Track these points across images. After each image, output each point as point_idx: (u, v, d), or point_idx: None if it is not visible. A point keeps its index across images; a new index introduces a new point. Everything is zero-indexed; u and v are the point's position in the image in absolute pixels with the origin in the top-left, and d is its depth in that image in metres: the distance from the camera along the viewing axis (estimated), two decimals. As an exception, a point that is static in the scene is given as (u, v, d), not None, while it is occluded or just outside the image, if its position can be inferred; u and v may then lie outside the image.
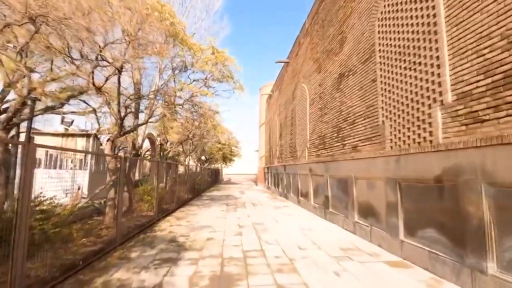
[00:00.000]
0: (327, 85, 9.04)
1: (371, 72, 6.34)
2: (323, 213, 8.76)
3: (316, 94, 10.15)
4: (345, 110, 7.64)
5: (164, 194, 9.83)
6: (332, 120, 8.47)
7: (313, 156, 10.28)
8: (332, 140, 8.43)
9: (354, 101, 7.09)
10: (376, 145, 5.99)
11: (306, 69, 11.49)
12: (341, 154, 7.70)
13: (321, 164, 9.06)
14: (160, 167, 9.12)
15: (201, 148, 20.11)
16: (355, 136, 7.00)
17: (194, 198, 14.32)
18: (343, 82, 7.84)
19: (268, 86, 26.11)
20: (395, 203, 5.16)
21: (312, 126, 10.46)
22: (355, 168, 6.72)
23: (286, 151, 15.15)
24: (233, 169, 47.68)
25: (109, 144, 7.03)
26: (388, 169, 5.40)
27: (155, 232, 6.67)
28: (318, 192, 9.40)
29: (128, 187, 8.25)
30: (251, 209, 10.78)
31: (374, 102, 6.18)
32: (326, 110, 9.06)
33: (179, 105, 7.91)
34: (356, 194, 6.70)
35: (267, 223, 7.80)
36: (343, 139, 7.66)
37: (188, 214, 9.28)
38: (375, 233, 5.79)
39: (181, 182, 13.21)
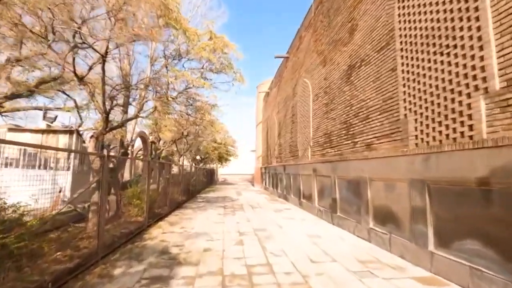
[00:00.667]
0: (334, 78, 8.34)
1: (389, 61, 5.65)
2: (329, 217, 8.06)
3: (320, 89, 9.45)
4: (356, 105, 6.95)
5: (156, 196, 9.02)
6: (341, 116, 7.77)
7: (317, 156, 9.58)
8: (340, 138, 7.73)
9: (368, 94, 6.39)
10: (397, 142, 5.30)
11: (309, 63, 10.79)
12: (352, 153, 7.00)
13: (327, 164, 8.36)
14: (151, 167, 8.31)
15: (196, 147, 19.30)
16: (369, 133, 6.31)
17: (188, 200, 13.51)
18: (353, 74, 7.15)
19: (265, 84, 25.37)
20: (422, 208, 4.47)
21: (316, 123, 9.76)
22: (370, 168, 6.02)
23: (285, 150, 14.44)
24: (229, 169, 46.78)
25: (93, 141, 6.21)
26: (413, 170, 4.70)
27: (145, 241, 5.87)
28: (324, 194, 8.70)
29: (115, 190, 7.43)
30: (250, 212, 10.03)
31: (393, 94, 5.49)
32: (333, 106, 8.36)
33: (172, 98, 7.12)
34: (371, 197, 6.01)
35: (270, 229, 7.06)
36: (354, 137, 6.96)
37: (182, 219, 8.48)
38: (396, 242, 5.09)
39: (174, 183, 12.40)
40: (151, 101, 7.31)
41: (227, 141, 27.25)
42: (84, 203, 7.93)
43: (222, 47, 6.41)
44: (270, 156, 19.43)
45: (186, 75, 6.21)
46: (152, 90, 7.08)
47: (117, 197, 7.35)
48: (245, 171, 51.68)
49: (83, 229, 6.15)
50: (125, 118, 7.05)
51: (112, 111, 9.75)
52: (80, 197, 7.69)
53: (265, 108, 23.27)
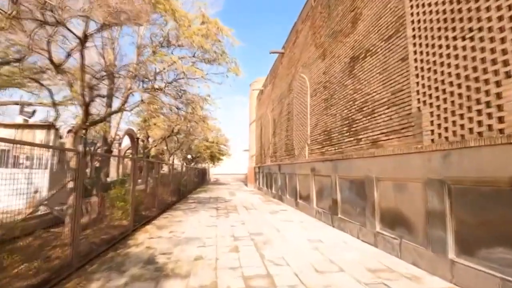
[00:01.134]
0: (334, 72, 7.86)
1: (399, 50, 5.18)
2: (329, 219, 7.57)
3: (319, 84, 8.96)
4: (360, 99, 6.47)
5: (143, 198, 8.38)
6: (342, 112, 7.29)
7: (315, 154, 9.09)
8: (342, 135, 7.25)
9: (374, 87, 5.92)
10: (408, 138, 4.83)
11: (307, 57, 10.30)
12: (355, 151, 6.52)
13: (327, 162, 7.87)
14: (139, 166, 7.65)
15: (187, 146, 18.62)
16: (374, 128, 5.84)
17: (179, 201, 12.86)
18: (356, 66, 6.67)
19: (259, 81, 24.84)
20: (441, 211, 4.00)
21: (314, 120, 9.27)
22: (377, 167, 5.55)
23: (281, 149, 13.93)
24: (221, 169, 46.11)
25: (71, 136, 5.56)
26: (429, 168, 4.23)
27: (129, 248, 5.25)
28: (323, 195, 8.22)
29: (97, 191, 6.78)
30: (244, 214, 9.47)
31: (403, 86, 5.02)
32: (333, 101, 7.88)
33: (159, 89, 6.48)
34: (377, 199, 5.53)
35: (267, 233, 6.52)
36: (358, 133, 6.49)
37: (171, 222, 7.86)
38: (408, 247, 4.62)
39: (164, 183, 11.74)
40: (138, 93, 6.68)
41: (219, 140, 26.56)
42: (62, 205, 7.24)
43: (216, 32, 5.80)
44: (264, 155, 18.91)
45: (174, 60, 5.57)
46: (138, 80, 6.44)
47: (99, 198, 6.70)
48: (237, 171, 51.09)
49: (59, 234, 5.49)
50: (110, 112, 6.39)
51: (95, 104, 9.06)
52: (58, 199, 7.01)
53: (258, 106, 22.74)
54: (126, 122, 12.21)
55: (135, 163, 6.42)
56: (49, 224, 6.27)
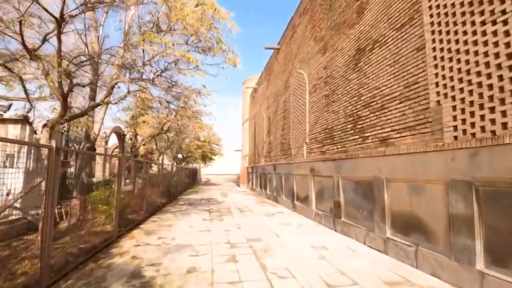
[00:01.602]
0: (336, 66, 7.41)
1: (413, 39, 4.74)
2: (331, 223, 7.10)
3: (319, 79, 8.50)
4: (366, 94, 6.02)
5: (130, 200, 7.73)
6: (346, 108, 6.83)
7: (315, 154, 8.62)
8: (345, 132, 6.79)
9: (383, 80, 5.47)
10: (425, 135, 4.39)
11: (305, 52, 9.83)
12: (361, 150, 6.07)
13: (328, 162, 7.40)
14: (126, 165, 7.00)
15: (178, 145, 17.92)
16: (384, 125, 5.39)
17: (169, 203, 12.20)
18: (363, 59, 6.22)
19: (252, 79, 24.30)
20: (467, 216, 3.56)
21: (314, 118, 8.80)
22: (387, 167, 5.10)
23: (276, 148, 13.43)
24: (212, 169, 45.29)
25: (46, 131, 4.91)
26: (453, 168, 3.79)
27: (112, 258, 4.64)
28: (323, 197, 7.75)
29: (78, 192, 6.12)
30: (239, 217, 8.92)
31: (419, 78, 4.58)
32: (335, 97, 7.42)
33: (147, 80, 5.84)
34: (388, 201, 5.08)
35: (266, 239, 5.99)
36: (364, 131, 6.04)
37: (161, 226, 7.25)
38: (425, 256, 4.17)
39: (153, 184, 11.07)
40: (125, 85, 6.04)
41: (211, 139, 25.86)
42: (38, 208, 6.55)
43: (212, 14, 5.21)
44: (258, 155, 18.38)
45: (165, 41, 4.96)
46: (125, 68, 5.81)
47: (80, 201, 6.04)
48: (229, 171, 50.37)
49: (32, 243, 4.83)
50: (91, 105, 5.75)
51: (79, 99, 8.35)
52: (35, 202, 6.32)
53: (252, 105, 22.20)
54: (113, 118, 11.48)
55: (121, 162, 5.80)
56: (23, 230, 5.60)
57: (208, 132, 23.13)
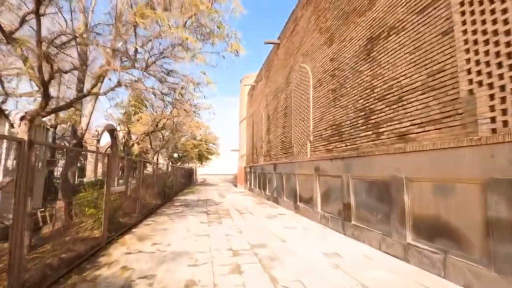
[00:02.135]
0: (345, 57, 6.91)
1: (438, 22, 4.25)
2: (339, 226, 6.60)
3: (325, 73, 7.99)
4: (380, 86, 5.53)
5: (123, 201, 7.15)
6: (356, 102, 6.33)
7: (320, 152, 8.12)
8: (356, 128, 6.29)
9: (401, 69, 4.98)
10: (454, 129, 3.90)
11: (309, 45, 9.33)
12: (375, 147, 5.57)
13: (336, 161, 6.90)
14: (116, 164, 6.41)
15: (173, 144, 17.30)
16: (402, 119, 4.89)
17: (164, 205, 11.60)
18: (376, 48, 5.73)
19: (250, 77, 23.74)
20: (511, 220, 3.06)
21: (319, 114, 8.29)
22: (408, 165, 4.60)
23: (276, 147, 12.91)
24: (208, 169, 44.64)
25: (24, 124, 4.31)
26: (491, 166, 3.30)
27: (99, 269, 4.06)
28: (330, 198, 7.24)
29: (63, 194, 5.53)
30: (239, 219, 8.38)
31: (446, 66, 4.09)
32: (343, 91, 6.92)
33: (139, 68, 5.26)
34: (409, 203, 4.58)
35: (271, 245, 5.46)
36: (378, 126, 5.54)
37: (155, 230, 6.67)
38: (456, 265, 3.68)
39: (148, 184, 10.48)
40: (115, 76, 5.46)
41: (208, 138, 25.22)
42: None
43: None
44: (256, 154, 17.84)
45: (160, 16, 4.37)
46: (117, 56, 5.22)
47: (65, 204, 5.44)
48: (225, 171, 49.76)
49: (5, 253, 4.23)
50: (78, 95, 5.15)
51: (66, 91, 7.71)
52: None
53: (250, 103, 21.66)
54: (104, 115, 10.82)
55: (111, 161, 5.22)
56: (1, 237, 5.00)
57: (205, 131, 22.51)
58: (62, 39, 4.56)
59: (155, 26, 4.76)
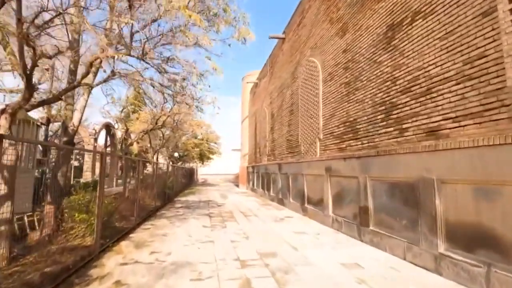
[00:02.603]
0: (361, 48, 6.37)
1: (477, 2, 3.71)
2: (355, 232, 6.07)
3: (337, 66, 7.46)
4: (404, 77, 4.99)
5: (119, 204, 6.62)
6: (374, 96, 5.80)
7: (331, 151, 7.58)
8: (375, 125, 5.76)
9: (430, 58, 4.44)
10: (499, 123, 3.36)
11: (318, 37, 8.79)
12: (397, 144, 5.04)
13: (351, 160, 6.37)
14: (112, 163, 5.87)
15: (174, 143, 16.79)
16: (432, 113, 4.36)
17: (164, 206, 11.07)
18: (398, 35, 5.19)
19: (252, 75, 23.20)
20: None
21: (330, 110, 7.76)
22: (441, 165, 4.06)
23: (281, 146, 12.38)
24: (209, 169, 44.09)
25: (4, 118, 3.79)
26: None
27: (89, 285, 3.53)
28: (344, 201, 6.71)
29: (53, 197, 5.00)
30: (244, 222, 7.85)
31: (487, 51, 3.55)
32: (358, 84, 6.39)
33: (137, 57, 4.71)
34: (442, 208, 4.04)
35: (283, 253, 4.93)
36: (401, 121, 5.00)
37: (154, 236, 6.14)
38: (503, 281, 3.14)
39: (147, 185, 9.96)
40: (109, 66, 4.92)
41: (209, 137, 24.67)
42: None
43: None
44: (259, 153, 17.31)
45: None
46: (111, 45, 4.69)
47: (55, 208, 4.91)
48: (226, 171, 49.18)
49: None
50: (70, 86, 4.62)
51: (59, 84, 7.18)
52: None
53: (252, 101, 21.11)
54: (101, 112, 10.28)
55: (104, 159, 4.70)
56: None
57: (206, 130, 21.99)
58: (45, 17, 4.04)
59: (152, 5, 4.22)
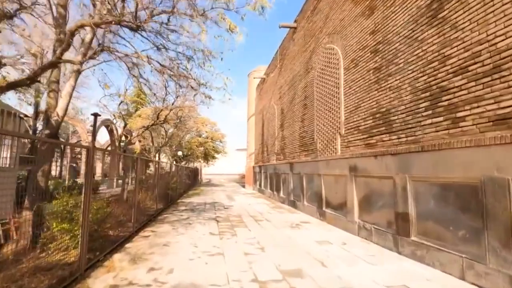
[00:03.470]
0: (395, 25, 5.44)
1: None
2: (390, 242, 5.14)
3: (363, 50, 6.53)
4: (458, 54, 4.06)
5: (114, 208, 5.77)
6: (415, 80, 4.86)
7: (356, 147, 6.66)
8: (416, 114, 4.82)
9: (497, 28, 3.51)
10: None
11: (337, 22, 7.86)
12: (450, 137, 4.10)
13: (385, 158, 5.44)
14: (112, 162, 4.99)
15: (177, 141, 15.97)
16: (501, 96, 3.42)
17: (166, 209, 10.21)
18: (447, 5, 4.25)
19: (258, 70, 22.31)
20: None
21: (354, 101, 6.83)
22: (521, 162, 3.13)
23: (293, 144, 11.46)
24: (213, 169, 43.29)
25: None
26: None
27: (63, 321, 2.65)
28: (374, 205, 5.78)
29: (31, 201, 4.15)
30: (256, 229, 6.95)
31: None
32: (392, 68, 5.46)
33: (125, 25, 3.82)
34: (524, 219, 3.11)
35: (310, 271, 4.02)
36: (456, 108, 4.07)
37: (154, 246, 5.27)
38: None
39: (148, 186, 9.13)
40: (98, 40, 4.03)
41: (214, 135, 23.75)
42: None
43: None
44: (267, 152, 16.40)
45: None
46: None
47: (33, 214, 4.06)
48: (231, 171, 48.36)
49: None
50: (45, 65, 3.76)
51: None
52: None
53: (259, 98, 20.21)
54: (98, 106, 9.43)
55: (92, 156, 3.84)
56: None
57: (211, 128, 21.13)
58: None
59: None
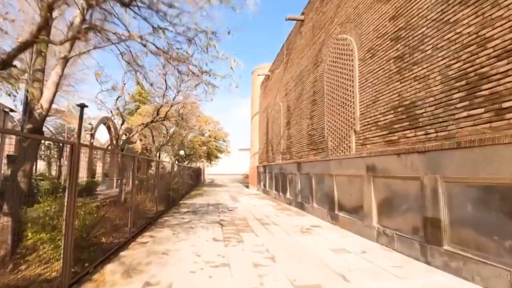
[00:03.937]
0: (419, 9, 4.85)
1: None
2: (417, 250, 4.56)
3: (382, 38, 5.95)
4: (502, 35, 3.48)
5: (108, 213, 5.25)
6: (447, 68, 4.27)
7: (374, 144, 6.08)
8: (447, 107, 4.24)
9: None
10: None
11: (351, 10, 7.28)
12: (493, 132, 3.52)
13: (410, 156, 4.86)
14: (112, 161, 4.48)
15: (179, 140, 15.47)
16: None
17: (167, 211, 9.69)
18: (489, -22, 3.67)
19: (262, 68, 21.74)
20: None
21: (371, 94, 6.26)
22: None
23: (300, 142, 10.89)
24: (216, 169, 42.76)
25: None
26: None
27: None
28: (397, 209, 5.20)
29: (9, 205, 3.63)
30: (264, 234, 6.40)
31: None
32: (417, 56, 4.87)
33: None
34: None
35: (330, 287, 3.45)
36: (500, 98, 3.48)
37: (152, 254, 4.73)
38: None
39: (147, 187, 8.61)
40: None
41: (217, 134, 23.20)
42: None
43: None
44: (272, 152, 15.84)
45: None
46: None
47: (12, 221, 3.53)
48: (234, 171, 47.81)
49: None
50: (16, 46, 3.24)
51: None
52: None
53: (264, 96, 19.64)
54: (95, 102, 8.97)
55: (76, 153, 3.31)
56: None
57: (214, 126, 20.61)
58: None
59: None
